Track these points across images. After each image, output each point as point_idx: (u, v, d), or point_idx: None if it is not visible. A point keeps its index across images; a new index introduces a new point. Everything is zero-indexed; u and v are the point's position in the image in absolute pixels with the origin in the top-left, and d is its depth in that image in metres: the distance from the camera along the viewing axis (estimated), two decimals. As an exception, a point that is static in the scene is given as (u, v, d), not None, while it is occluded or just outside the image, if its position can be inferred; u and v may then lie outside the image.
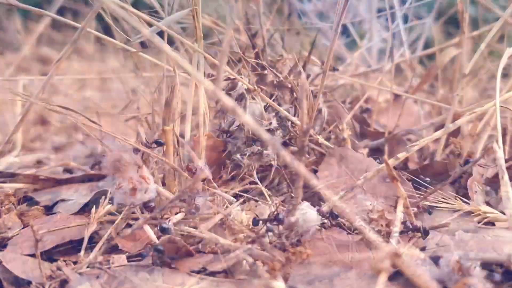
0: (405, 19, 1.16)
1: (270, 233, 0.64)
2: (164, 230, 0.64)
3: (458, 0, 0.88)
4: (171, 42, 0.80)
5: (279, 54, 0.94)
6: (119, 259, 0.65)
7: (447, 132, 0.79)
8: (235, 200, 0.75)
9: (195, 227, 0.67)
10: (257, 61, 0.87)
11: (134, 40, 0.75)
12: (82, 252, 0.64)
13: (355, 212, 0.68)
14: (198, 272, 0.63)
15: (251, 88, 0.80)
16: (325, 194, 0.43)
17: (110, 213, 0.75)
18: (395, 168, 0.72)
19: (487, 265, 0.55)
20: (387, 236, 0.66)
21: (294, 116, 0.84)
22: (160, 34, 0.74)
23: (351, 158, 0.84)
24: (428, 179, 0.80)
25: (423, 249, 0.64)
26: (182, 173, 0.74)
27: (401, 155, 0.74)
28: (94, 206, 0.74)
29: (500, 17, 0.85)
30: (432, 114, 1.17)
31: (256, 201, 0.75)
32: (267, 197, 0.76)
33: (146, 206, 0.69)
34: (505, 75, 1.21)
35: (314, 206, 0.78)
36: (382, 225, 0.67)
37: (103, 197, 0.76)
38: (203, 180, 0.69)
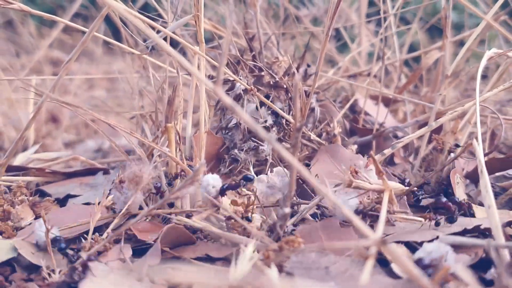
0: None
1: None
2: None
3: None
4: (172, 45, 0.80)
5: (275, 57, 0.94)
6: (126, 248, 0.65)
7: (430, 130, 0.79)
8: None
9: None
10: (254, 63, 0.87)
11: (146, 43, 0.75)
12: (89, 240, 0.64)
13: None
14: (199, 259, 0.63)
15: (248, 88, 0.80)
16: (317, 186, 0.43)
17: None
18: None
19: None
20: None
21: (289, 114, 0.84)
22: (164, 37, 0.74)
23: (341, 154, 0.84)
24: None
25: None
26: (184, 167, 0.74)
27: (387, 151, 0.74)
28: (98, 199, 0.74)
29: (480, 22, 0.85)
30: (416, 112, 1.17)
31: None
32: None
33: (155, 188, 0.71)
34: (484, 77, 1.22)
35: (308, 199, 0.79)
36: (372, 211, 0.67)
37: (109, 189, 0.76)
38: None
